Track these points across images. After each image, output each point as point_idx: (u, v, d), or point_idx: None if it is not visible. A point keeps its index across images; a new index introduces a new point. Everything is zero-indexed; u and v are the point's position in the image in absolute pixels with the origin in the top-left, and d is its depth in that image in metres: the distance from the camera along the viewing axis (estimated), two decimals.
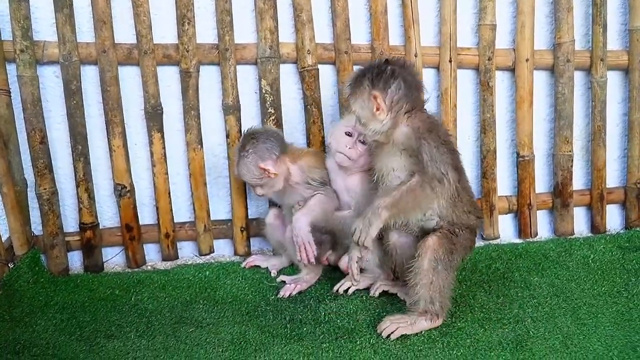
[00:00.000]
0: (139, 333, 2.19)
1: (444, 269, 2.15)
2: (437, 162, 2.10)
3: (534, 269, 2.64)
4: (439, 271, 2.14)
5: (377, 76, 2.16)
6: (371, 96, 2.16)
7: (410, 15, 2.75)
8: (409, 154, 2.16)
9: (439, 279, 2.15)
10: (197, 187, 2.76)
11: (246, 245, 2.84)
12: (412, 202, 2.11)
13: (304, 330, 2.19)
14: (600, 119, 2.96)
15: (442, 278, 2.15)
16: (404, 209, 2.12)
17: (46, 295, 2.47)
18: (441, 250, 2.15)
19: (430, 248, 2.14)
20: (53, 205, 2.64)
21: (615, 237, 2.97)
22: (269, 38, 2.68)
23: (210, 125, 2.77)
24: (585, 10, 2.95)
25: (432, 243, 2.15)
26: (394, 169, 2.20)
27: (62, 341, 2.13)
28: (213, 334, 2.17)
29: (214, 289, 2.54)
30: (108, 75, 2.59)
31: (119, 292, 2.52)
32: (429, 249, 2.14)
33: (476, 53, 2.86)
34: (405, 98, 2.16)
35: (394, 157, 2.20)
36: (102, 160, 2.72)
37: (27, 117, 2.55)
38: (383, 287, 2.43)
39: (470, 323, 2.22)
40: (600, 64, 2.91)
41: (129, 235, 2.74)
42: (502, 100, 2.96)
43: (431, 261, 2.13)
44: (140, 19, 2.58)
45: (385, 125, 2.18)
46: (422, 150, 2.11)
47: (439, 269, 2.14)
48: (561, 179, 2.97)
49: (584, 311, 2.29)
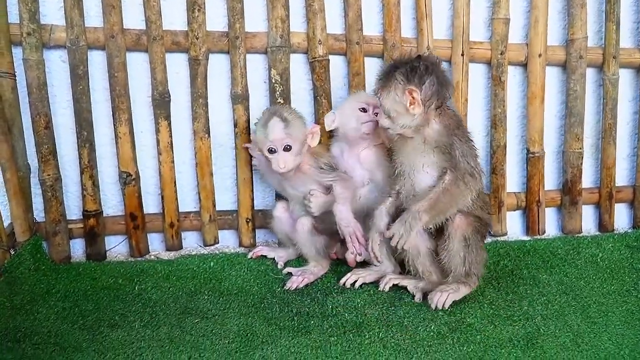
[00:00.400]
0: (143, 323, 2.15)
1: (474, 246, 2.24)
2: (467, 157, 2.19)
3: (543, 267, 2.62)
4: (470, 249, 2.23)
5: (412, 71, 2.19)
6: (406, 90, 2.17)
7: (423, 8, 2.72)
8: (441, 150, 2.21)
9: (471, 254, 2.23)
10: (204, 177, 2.73)
11: (251, 237, 2.81)
12: (449, 201, 2.19)
13: (312, 323, 2.16)
14: (611, 117, 2.93)
15: (474, 253, 2.24)
16: (442, 209, 2.20)
17: (47, 283, 2.44)
18: (470, 229, 2.22)
19: (459, 228, 2.21)
20: (56, 191, 2.60)
21: (624, 235, 2.95)
22: (279, 27, 2.64)
23: (218, 114, 2.73)
24: (598, 7, 2.92)
25: (460, 222, 2.22)
26: (424, 165, 2.24)
27: (64, 329, 2.09)
28: (219, 325, 2.14)
29: (219, 280, 2.50)
30: (116, 60, 2.56)
31: (122, 281, 2.48)
32: (458, 229, 2.21)
33: (489, 47, 2.82)
34: (437, 94, 2.20)
35: (425, 153, 2.23)
36: (108, 147, 2.68)
37: (32, 101, 2.51)
38: (393, 280, 2.40)
39: (480, 319, 2.19)
40: (613, 62, 2.88)
41: (133, 224, 2.70)
42: (513, 95, 2.93)
43: (461, 240, 2.22)
44: (150, 4, 2.54)
45: (415, 120, 2.20)
46: (454, 146, 2.19)
47: (469, 247, 2.22)
48: (571, 177, 2.95)
49: (593, 309, 2.26)
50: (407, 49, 2.73)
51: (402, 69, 2.21)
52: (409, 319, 2.19)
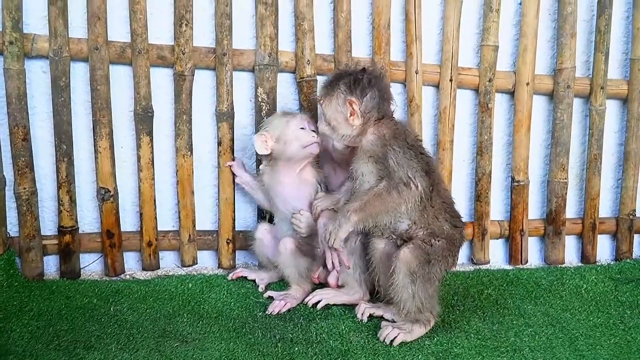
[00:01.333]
0: (120, 346, 2.07)
1: (423, 281, 2.17)
2: (403, 167, 2.17)
3: (527, 297, 2.59)
4: (418, 283, 2.16)
5: (355, 83, 2.24)
6: (347, 101, 2.23)
7: (413, 31, 2.70)
8: (374, 160, 2.21)
9: (419, 290, 2.16)
10: (184, 195, 2.66)
11: (231, 259, 2.74)
12: (379, 206, 2.17)
13: (296, 350, 2.09)
14: (597, 148, 2.92)
15: (423, 289, 2.17)
16: (372, 213, 2.18)
17: (21, 301, 2.35)
18: (415, 262, 2.16)
19: (403, 261, 2.16)
20: (32, 206, 2.51)
21: (606, 267, 2.93)
22: (268, 45, 2.60)
23: (201, 131, 2.68)
24: (587, 37, 2.92)
25: (405, 256, 2.16)
26: (363, 174, 2.24)
27: (39, 349, 2.02)
28: (199, 350, 2.06)
29: (198, 302, 2.43)
30: (99, 73, 2.49)
31: (97, 301, 2.40)
32: (403, 263, 2.16)
33: (477, 74, 2.81)
34: (377, 107, 2.25)
35: (363, 162, 2.24)
36: (86, 162, 2.61)
37: (10, 112, 2.43)
38: (368, 310, 2.35)
39: (467, 350, 2.14)
40: (600, 92, 2.88)
41: (110, 242, 2.62)
42: (499, 123, 2.91)
43: (407, 275, 2.15)
44: (137, 17, 2.49)
45: (354, 130, 2.26)
46: (388, 156, 2.18)
47: (417, 282, 2.16)
48: (555, 207, 2.93)
49: (581, 342, 2.23)
50: (396, 72, 2.71)
51: (346, 79, 2.26)
52: (396, 348, 2.14)
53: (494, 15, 2.75)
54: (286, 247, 2.44)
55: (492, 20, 2.75)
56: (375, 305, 2.37)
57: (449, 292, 2.58)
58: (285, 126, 2.44)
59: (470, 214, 2.92)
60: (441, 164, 2.79)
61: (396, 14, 2.73)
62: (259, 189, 2.60)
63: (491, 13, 2.75)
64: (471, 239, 2.91)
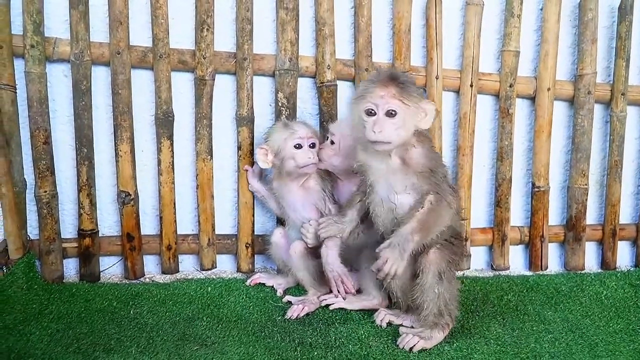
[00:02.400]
0: (140, 349, 2.07)
1: (448, 280, 2.17)
2: (446, 177, 2.18)
3: (547, 303, 2.57)
4: (445, 284, 2.15)
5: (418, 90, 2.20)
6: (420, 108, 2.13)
7: (433, 36, 2.69)
8: (425, 174, 2.15)
9: (445, 291, 2.16)
10: (204, 199, 2.67)
11: (250, 263, 2.75)
12: (436, 220, 2.12)
13: (315, 354, 2.08)
14: (617, 154, 2.91)
15: (449, 289, 2.17)
16: (430, 229, 2.12)
17: (40, 303, 2.36)
18: (443, 263, 2.16)
19: (433, 262, 2.14)
20: (52, 209, 2.53)
21: (626, 274, 2.90)
22: (289, 50, 2.60)
23: (221, 136, 2.69)
24: (608, 44, 2.91)
25: (434, 257, 2.15)
26: (407, 187, 2.16)
27: (58, 352, 2.02)
28: (219, 353, 2.06)
29: (217, 306, 2.43)
30: (120, 77, 2.50)
31: (117, 304, 2.41)
32: (432, 264, 2.14)
33: (497, 79, 2.80)
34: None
35: (407, 176, 2.15)
36: (107, 166, 2.62)
37: (32, 115, 2.45)
38: (389, 317, 2.34)
39: (487, 356, 2.12)
40: (621, 98, 2.86)
41: (130, 245, 2.63)
42: (520, 128, 2.91)
43: (435, 275, 2.14)
44: (158, 22, 2.50)
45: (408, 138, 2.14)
46: (438, 169, 2.16)
47: (443, 282, 2.15)
48: (575, 213, 2.91)
49: (601, 348, 2.20)
50: (416, 77, 2.69)
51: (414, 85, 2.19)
52: (415, 353, 2.12)
53: (515, 21, 2.74)
54: (295, 250, 2.45)
55: (513, 26, 2.74)
56: (395, 313, 2.35)
57: (469, 298, 2.57)
58: (283, 143, 2.43)
59: (490, 219, 2.91)
60: (461, 169, 2.79)
61: (417, 19, 2.73)
62: (271, 197, 2.62)
63: (512, 18, 2.74)
64: (491, 244, 2.90)
